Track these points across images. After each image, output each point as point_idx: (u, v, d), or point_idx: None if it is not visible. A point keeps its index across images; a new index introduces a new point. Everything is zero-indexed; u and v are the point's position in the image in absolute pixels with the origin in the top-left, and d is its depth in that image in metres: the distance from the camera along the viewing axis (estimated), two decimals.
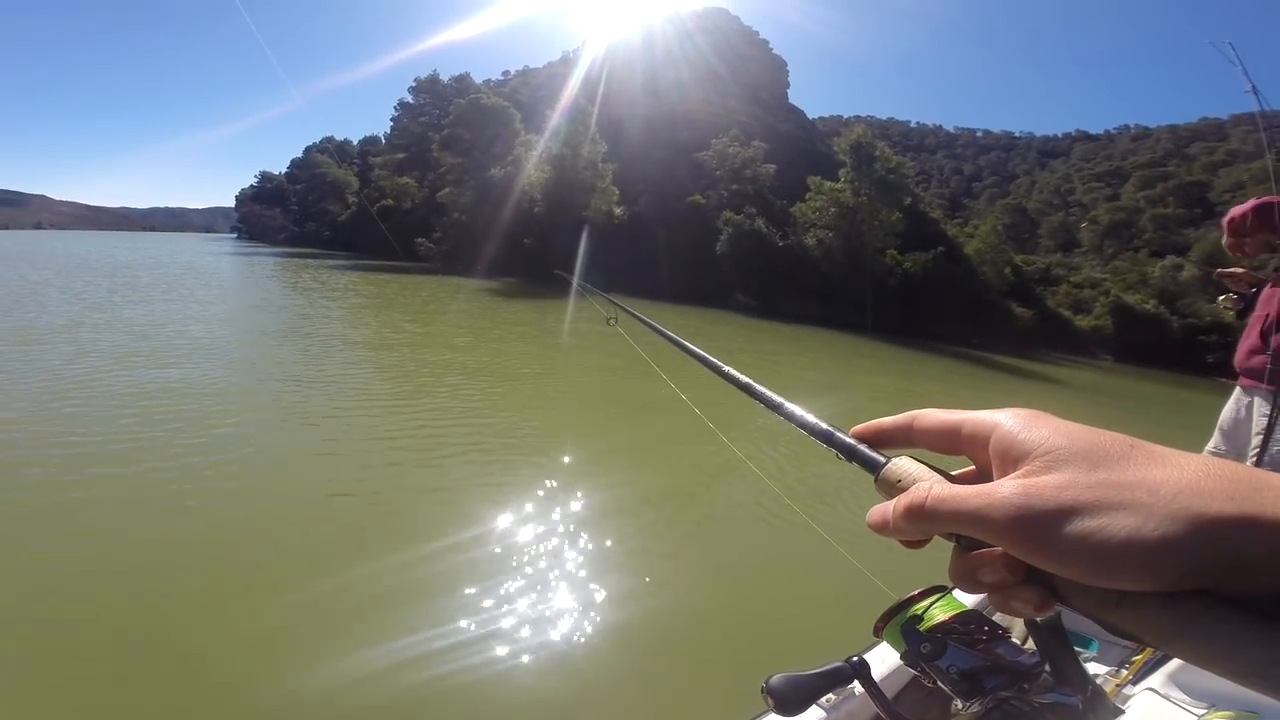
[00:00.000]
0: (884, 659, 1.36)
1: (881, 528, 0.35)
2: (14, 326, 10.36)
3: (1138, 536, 0.26)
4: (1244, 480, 0.27)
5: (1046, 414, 0.33)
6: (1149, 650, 1.60)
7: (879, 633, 0.45)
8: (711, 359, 0.62)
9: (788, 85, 72.63)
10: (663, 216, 37.50)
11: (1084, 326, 36.62)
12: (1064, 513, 0.28)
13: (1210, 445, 3.02)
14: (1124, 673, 1.59)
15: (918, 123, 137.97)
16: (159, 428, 5.90)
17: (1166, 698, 1.45)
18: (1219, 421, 2.99)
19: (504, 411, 7.79)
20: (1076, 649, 1.78)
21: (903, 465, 0.36)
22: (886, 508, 0.35)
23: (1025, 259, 43.87)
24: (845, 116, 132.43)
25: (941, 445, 0.37)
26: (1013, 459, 0.32)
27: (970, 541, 0.31)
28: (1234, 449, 2.88)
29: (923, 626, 0.42)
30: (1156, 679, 1.57)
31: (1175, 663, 1.59)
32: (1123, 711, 1.41)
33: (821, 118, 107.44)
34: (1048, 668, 0.38)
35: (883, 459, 0.37)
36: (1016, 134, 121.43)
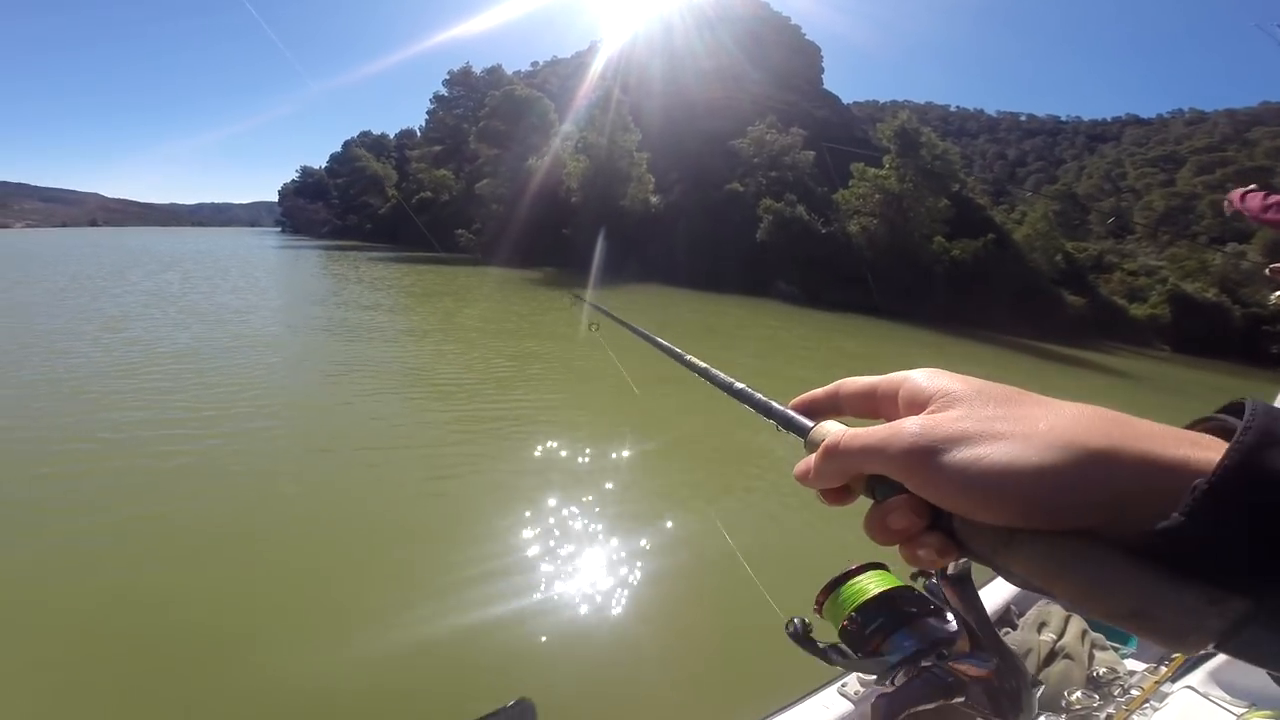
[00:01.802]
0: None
1: (804, 475, 0.38)
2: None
3: (1017, 462, 0.28)
4: (1117, 420, 0.29)
5: (947, 371, 0.36)
6: None
7: (820, 609, 0.46)
8: (674, 348, 0.73)
9: (822, 71, 71.24)
10: (700, 205, 37.28)
11: (1139, 315, 35.28)
12: (954, 439, 0.30)
13: None
14: (1163, 669, 1.56)
15: (958, 107, 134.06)
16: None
17: (1206, 696, 1.42)
18: None
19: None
20: (1114, 645, 1.83)
21: (827, 426, 0.39)
22: (809, 459, 0.38)
23: (1076, 245, 42.38)
24: (882, 101, 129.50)
25: (863, 408, 0.40)
26: (918, 405, 0.35)
27: (884, 493, 0.34)
28: None
29: (860, 600, 0.44)
30: (1196, 677, 1.53)
31: (1215, 661, 1.56)
32: (1041, 684, 1.37)
33: (857, 102, 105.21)
34: (965, 631, 0.40)
35: (811, 424, 0.41)
36: (1063, 118, 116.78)
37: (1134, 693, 1.46)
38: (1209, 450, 0.26)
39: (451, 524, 4.37)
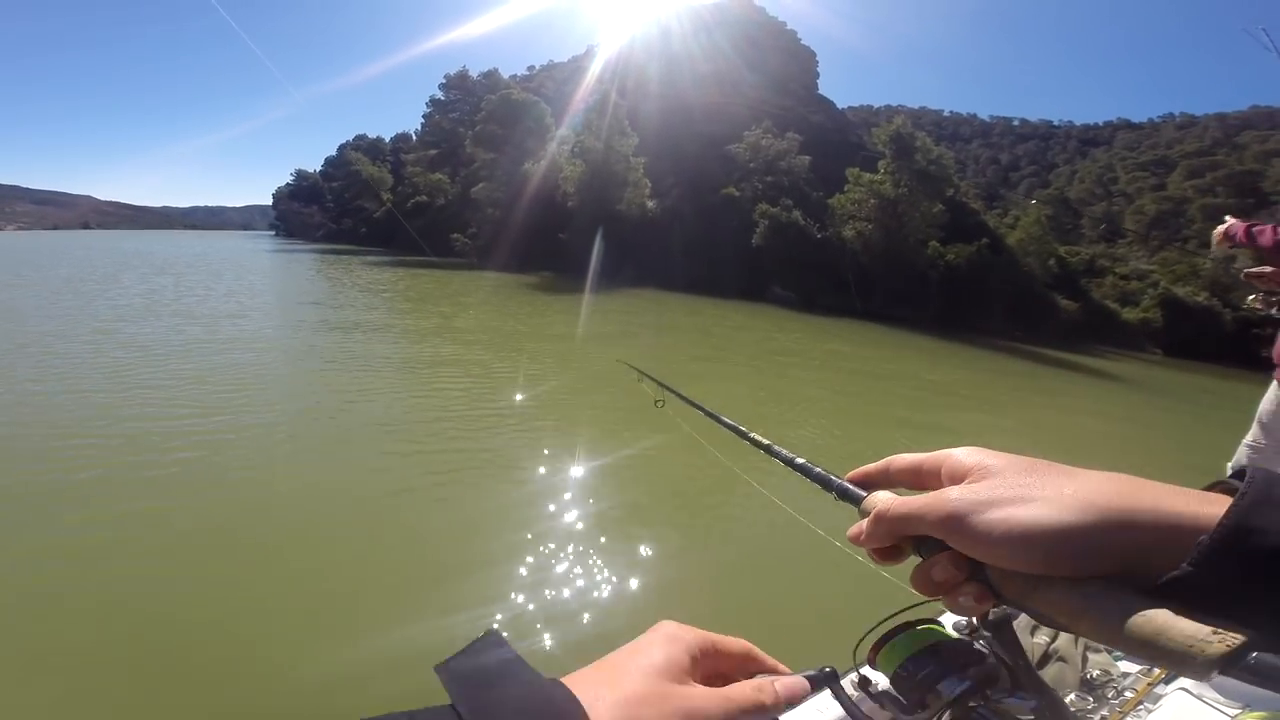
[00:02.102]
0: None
1: (856, 537, 0.44)
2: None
3: (1043, 521, 0.33)
4: (1130, 483, 0.34)
5: (988, 449, 0.41)
6: None
7: (874, 661, 0.50)
8: (739, 427, 0.78)
9: (817, 76, 71.63)
10: (696, 209, 37.37)
11: (1132, 319, 35.57)
12: (987, 503, 0.36)
13: (1249, 438, 3.01)
14: (1156, 671, 1.57)
15: (951, 111, 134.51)
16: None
17: (1200, 697, 1.43)
18: (1257, 414, 2.97)
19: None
20: (1107, 648, 1.76)
21: (877, 496, 0.45)
22: (862, 523, 0.44)
23: (1069, 250, 42.70)
24: (876, 106, 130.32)
25: (911, 481, 0.45)
26: (958, 477, 0.40)
27: (929, 551, 0.39)
28: (1272, 441, 2.88)
29: (911, 651, 0.47)
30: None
31: None
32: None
33: (851, 107, 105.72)
34: (1005, 671, 0.43)
35: (864, 494, 0.47)
36: (1055, 123, 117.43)
37: (1128, 694, 1.48)
38: (1216, 507, 0.30)
39: (456, 526, 4.37)
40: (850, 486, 0.48)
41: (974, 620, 0.44)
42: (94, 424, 5.67)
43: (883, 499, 0.44)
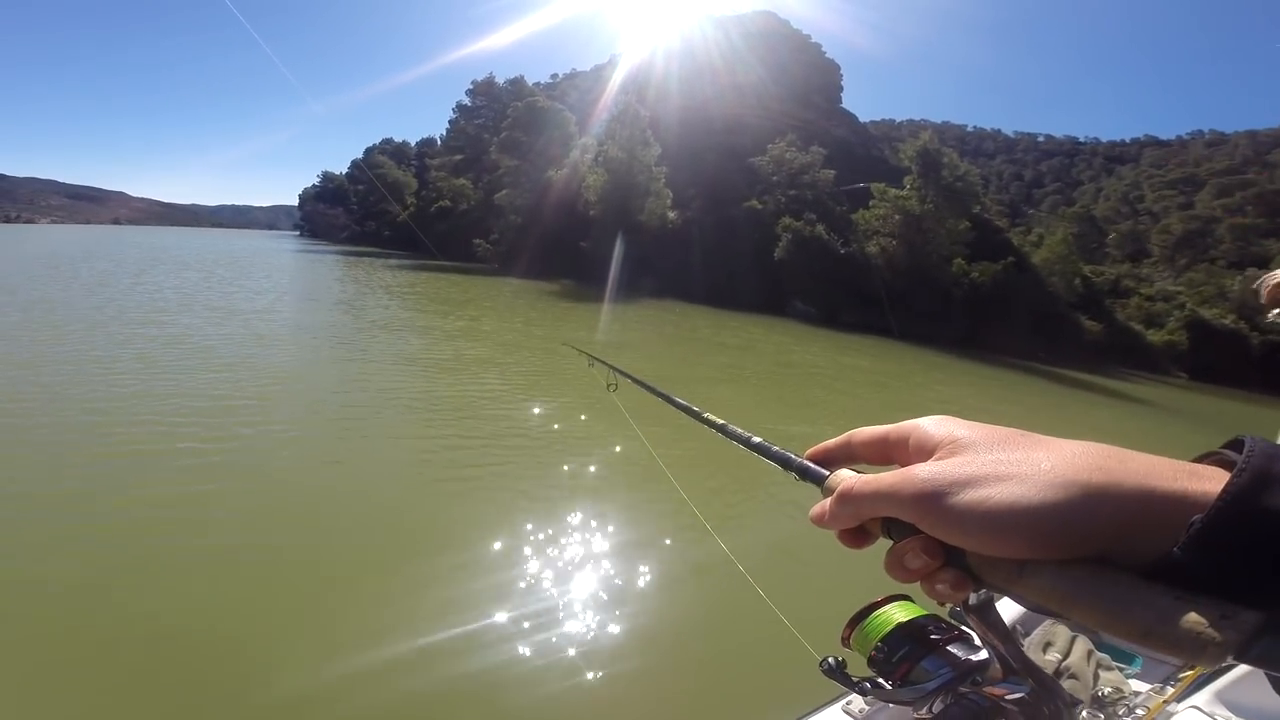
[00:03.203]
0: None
1: (819, 518, 0.41)
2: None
3: (1021, 501, 0.31)
4: (1112, 455, 0.31)
5: (955, 417, 0.39)
6: (1197, 669, 1.56)
7: (848, 640, 0.49)
8: (691, 406, 0.77)
9: (841, 89, 71.65)
10: (717, 221, 37.53)
11: (1157, 342, 35.07)
12: (961, 483, 0.33)
13: None
14: (1169, 690, 1.55)
15: (975, 127, 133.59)
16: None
17: (1211, 716, 1.40)
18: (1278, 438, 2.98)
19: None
20: (1119, 665, 1.85)
21: (841, 473, 0.43)
22: (825, 502, 0.41)
23: (1094, 269, 42.24)
24: (898, 120, 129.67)
25: (875, 456, 0.43)
26: (927, 451, 0.37)
27: (900, 533, 0.36)
28: None
29: (886, 630, 0.46)
30: (1202, 697, 1.52)
31: (1221, 681, 1.55)
32: (1080, 703, 1.35)
33: (873, 121, 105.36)
34: (995, 657, 0.41)
35: (826, 473, 0.44)
36: (1080, 139, 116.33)
37: (1139, 712, 1.43)
38: (1208, 482, 0.28)
39: (464, 531, 4.52)
40: (810, 465, 0.45)
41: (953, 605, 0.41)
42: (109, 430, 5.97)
43: (846, 477, 0.41)
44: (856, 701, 1.25)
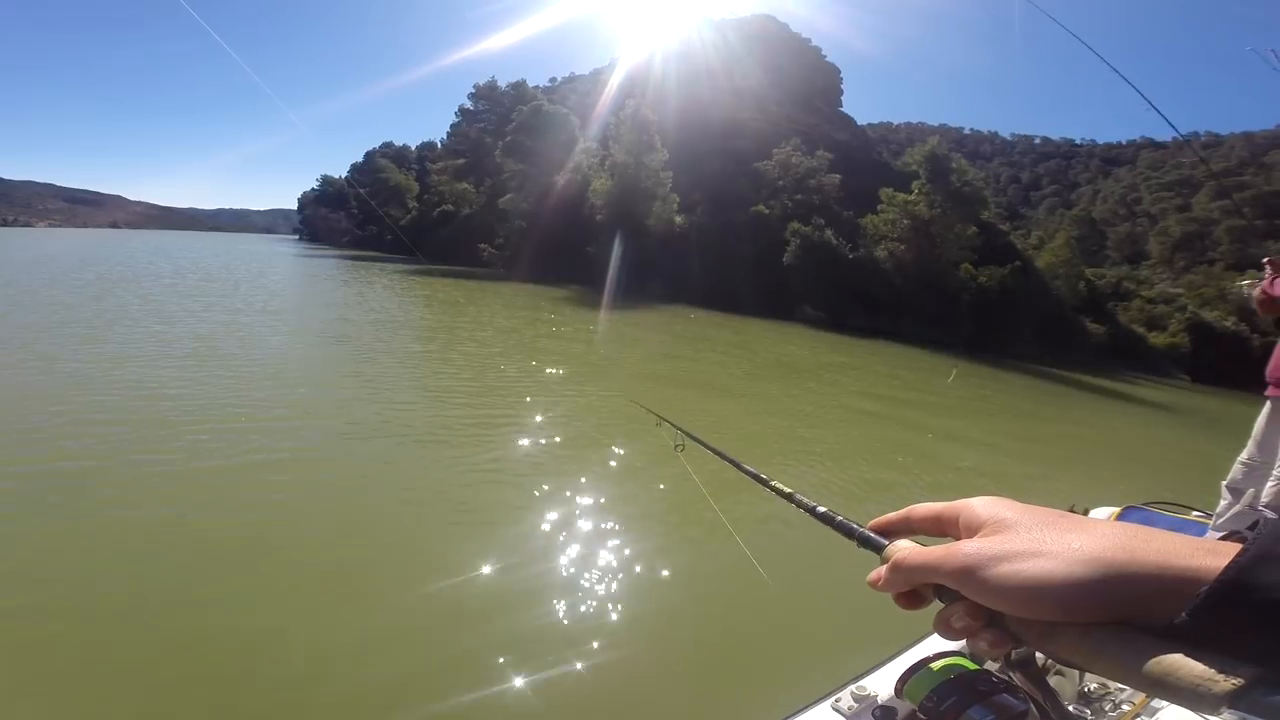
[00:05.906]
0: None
1: (875, 582, 0.46)
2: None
3: (1052, 574, 0.36)
4: (1138, 535, 0.36)
5: (1005, 499, 0.44)
6: None
7: (900, 691, 0.53)
8: (759, 474, 0.77)
9: (841, 93, 71.91)
10: (722, 225, 37.66)
11: (1160, 344, 35.42)
12: (999, 558, 0.38)
13: (1244, 455, 3.01)
14: None
15: (972, 129, 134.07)
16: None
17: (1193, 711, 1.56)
18: (1254, 432, 2.98)
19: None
20: None
21: (898, 545, 0.47)
22: (881, 569, 0.46)
23: (1094, 272, 42.59)
24: (895, 123, 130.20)
25: (931, 529, 0.47)
26: (974, 528, 0.42)
27: (947, 598, 0.42)
28: (1266, 457, 2.88)
29: (937, 682, 0.51)
30: None
31: None
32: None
33: (871, 124, 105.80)
34: (1034, 707, 0.46)
35: (885, 542, 0.49)
36: (1077, 140, 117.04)
37: (1125, 707, 1.48)
38: (1222, 558, 0.32)
39: (466, 525, 4.59)
40: (872, 535, 0.50)
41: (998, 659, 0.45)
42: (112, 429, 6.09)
43: (902, 548, 0.46)
44: (845, 699, 1.28)
